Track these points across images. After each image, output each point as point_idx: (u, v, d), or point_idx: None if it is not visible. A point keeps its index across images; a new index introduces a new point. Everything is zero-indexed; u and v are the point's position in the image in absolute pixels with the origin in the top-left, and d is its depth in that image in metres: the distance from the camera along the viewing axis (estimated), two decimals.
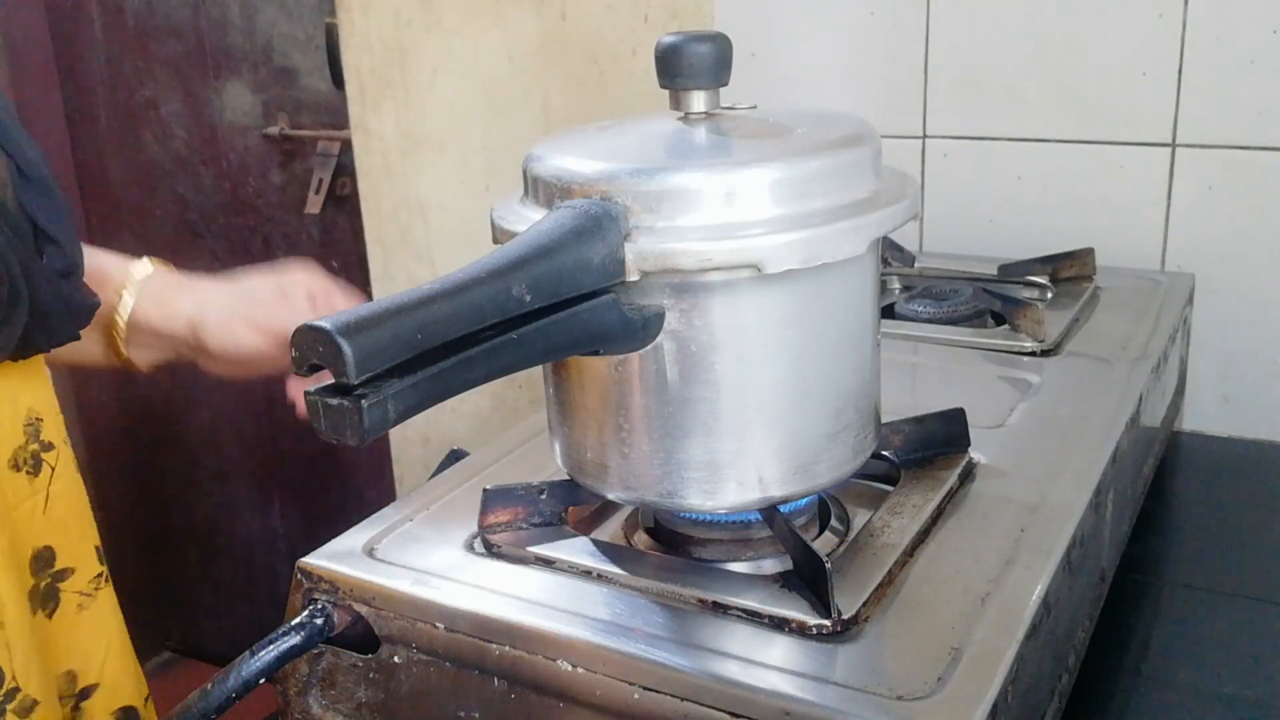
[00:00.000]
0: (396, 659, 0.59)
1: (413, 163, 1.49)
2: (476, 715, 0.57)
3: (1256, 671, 0.68)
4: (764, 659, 0.51)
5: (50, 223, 0.66)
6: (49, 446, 0.73)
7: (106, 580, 0.79)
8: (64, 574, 0.75)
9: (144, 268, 0.81)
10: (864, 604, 0.54)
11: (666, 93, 0.60)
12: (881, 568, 0.57)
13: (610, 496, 0.60)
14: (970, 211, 1.16)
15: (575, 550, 0.61)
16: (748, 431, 0.56)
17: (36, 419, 0.72)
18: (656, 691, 0.51)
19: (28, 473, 0.72)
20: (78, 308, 0.69)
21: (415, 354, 0.45)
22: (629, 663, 0.52)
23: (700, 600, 0.56)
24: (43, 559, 0.73)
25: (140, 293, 0.80)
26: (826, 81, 1.20)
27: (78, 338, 0.70)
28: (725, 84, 0.59)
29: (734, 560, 0.62)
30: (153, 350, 0.81)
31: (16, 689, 0.69)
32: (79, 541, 0.76)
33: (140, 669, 0.84)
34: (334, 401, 0.44)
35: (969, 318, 0.94)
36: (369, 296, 1.56)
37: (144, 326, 0.79)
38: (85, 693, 0.77)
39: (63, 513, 0.74)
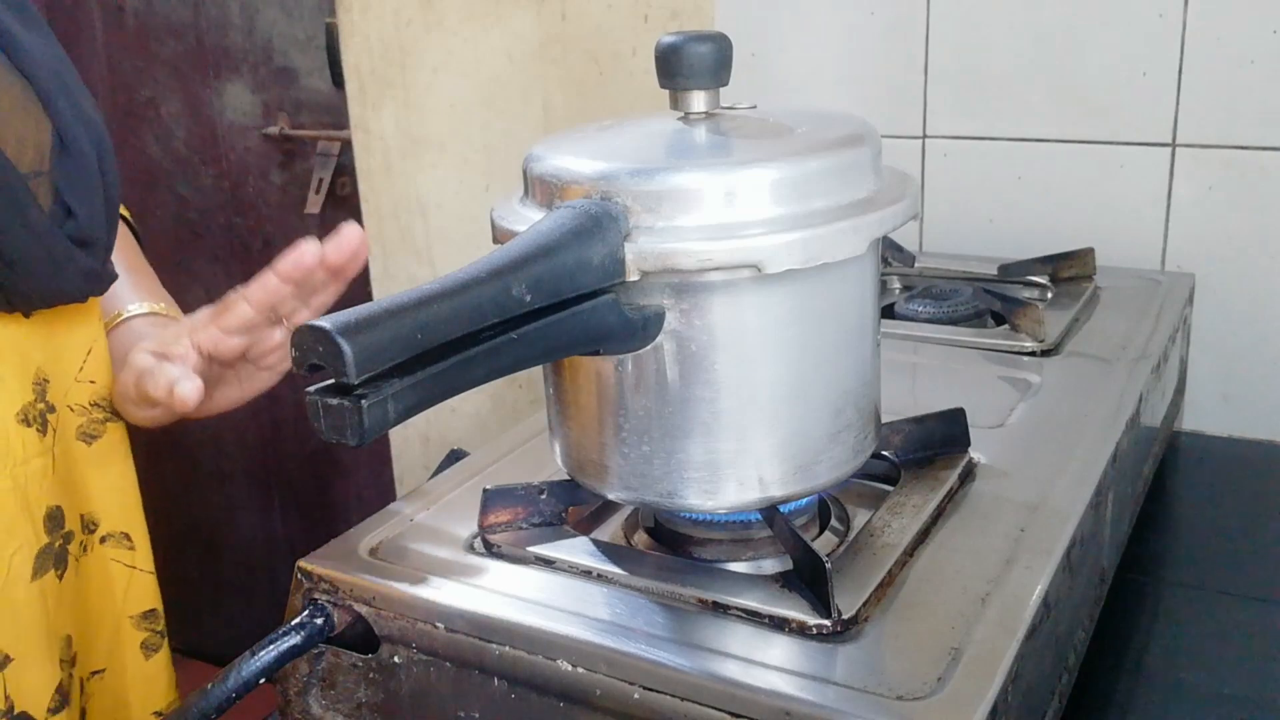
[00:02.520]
0: (396, 659, 0.59)
1: (413, 163, 1.49)
2: (476, 715, 0.57)
3: (1256, 671, 0.68)
4: (764, 659, 0.51)
5: (73, 195, 0.68)
6: (52, 407, 0.74)
7: (82, 549, 0.79)
8: (70, 536, 0.76)
9: (136, 308, 0.81)
10: (864, 604, 0.54)
11: (666, 93, 0.60)
12: (881, 568, 0.57)
13: (610, 496, 0.60)
14: (970, 211, 1.16)
15: (575, 550, 0.61)
16: (748, 431, 0.56)
17: (44, 379, 0.73)
18: (656, 691, 0.51)
19: (38, 430, 0.73)
20: (89, 275, 0.71)
21: (415, 354, 0.45)
22: (629, 663, 0.52)
23: (700, 600, 0.56)
24: (55, 518, 0.74)
25: (114, 329, 0.81)
26: (826, 81, 1.20)
27: (83, 299, 0.72)
28: (725, 84, 0.59)
29: (734, 560, 0.62)
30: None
31: None
32: (73, 505, 0.77)
33: (134, 650, 0.84)
34: (334, 401, 0.44)
35: (969, 318, 0.94)
36: (369, 296, 1.56)
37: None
38: (73, 659, 0.77)
39: (64, 474, 0.75)
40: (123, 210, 0.89)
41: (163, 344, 0.74)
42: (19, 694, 0.72)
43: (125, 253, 0.85)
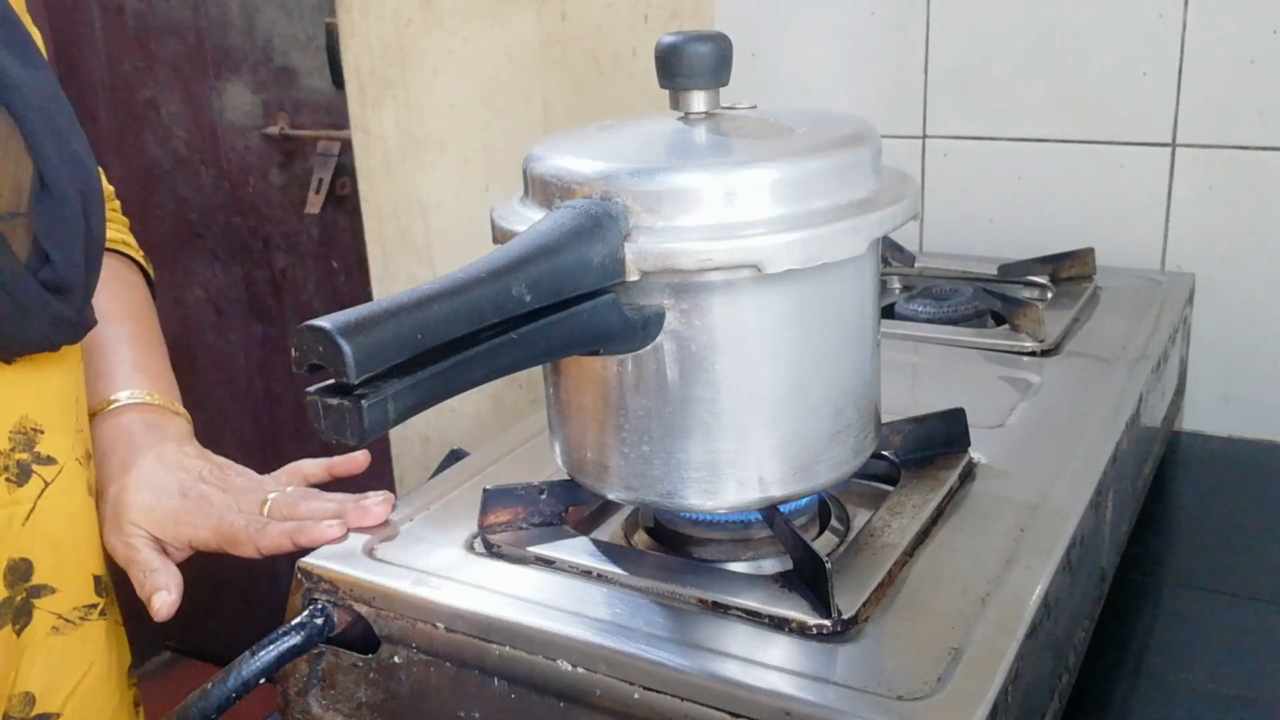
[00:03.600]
0: (396, 659, 0.59)
1: (413, 163, 1.49)
2: (476, 715, 0.57)
3: (1256, 671, 0.68)
4: (764, 659, 0.51)
5: (51, 239, 0.64)
6: (47, 460, 0.70)
7: (102, 614, 0.75)
8: (40, 590, 0.71)
9: (129, 395, 0.78)
10: (864, 604, 0.54)
11: (666, 93, 0.60)
12: (881, 568, 0.57)
13: (610, 496, 0.60)
14: (970, 211, 1.16)
15: (575, 550, 0.61)
16: (748, 431, 0.56)
17: (33, 429, 0.69)
18: (656, 691, 0.51)
19: (8, 480, 0.68)
20: (61, 323, 0.66)
21: (415, 354, 0.45)
22: (629, 663, 0.52)
23: (700, 600, 0.56)
24: (18, 571, 0.70)
25: (103, 417, 0.77)
26: (826, 81, 1.20)
27: (54, 348, 0.68)
28: (725, 84, 0.59)
29: (734, 560, 0.62)
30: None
31: None
32: (71, 564, 0.73)
33: (128, 711, 0.80)
34: (334, 401, 0.44)
35: (969, 318, 0.94)
36: (369, 296, 1.56)
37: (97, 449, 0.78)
38: None
39: (54, 530, 0.71)
40: (138, 256, 0.87)
41: (161, 529, 0.74)
42: None
43: (134, 313, 0.82)
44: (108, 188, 0.83)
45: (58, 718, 0.73)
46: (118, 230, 0.86)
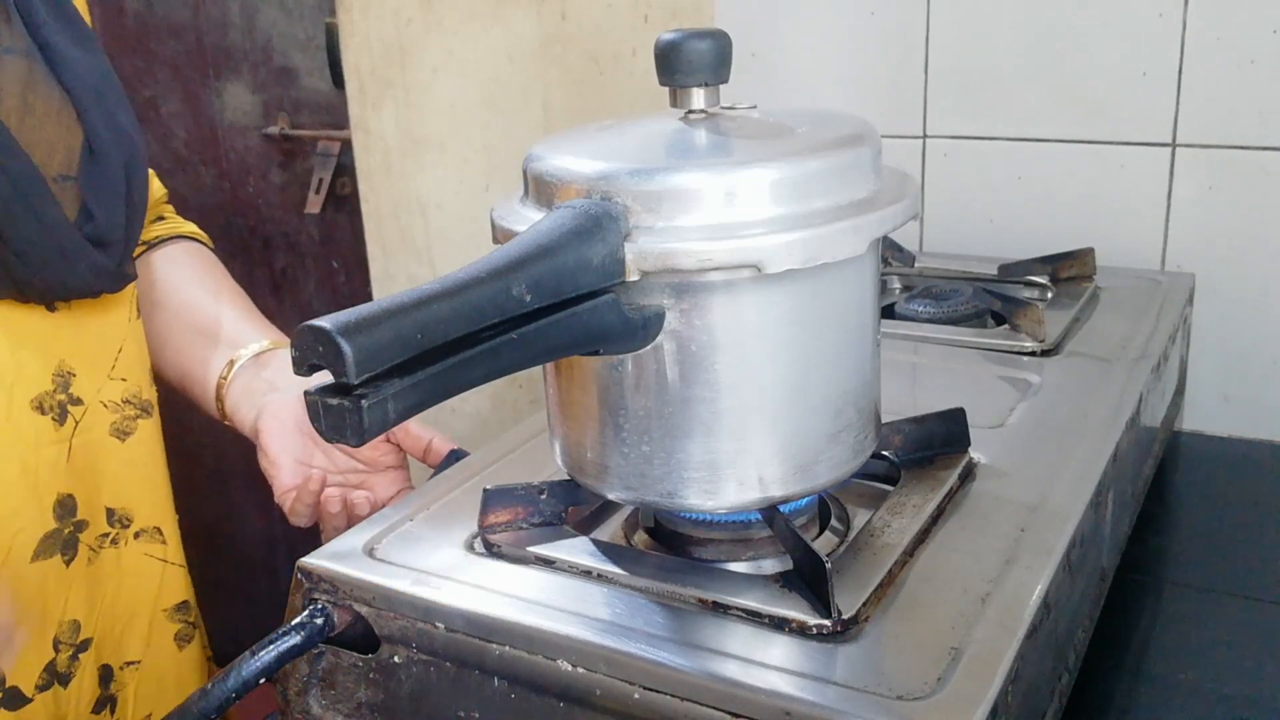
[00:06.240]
0: (396, 659, 0.59)
1: (413, 163, 1.49)
2: (476, 715, 0.57)
3: (1256, 671, 0.68)
4: (764, 659, 0.51)
5: (95, 199, 0.73)
6: (76, 401, 0.77)
7: (114, 543, 0.82)
8: (83, 525, 0.79)
9: (259, 345, 0.89)
10: (864, 604, 0.54)
11: (667, 93, 0.60)
12: (881, 568, 0.57)
13: (610, 496, 0.60)
14: (970, 211, 1.16)
15: (575, 550, 0.61)
16: (748, 431, 0.56)
17: (68, 372, 0.76)
18: (656, 691, 0.51)
19: (54, 419, 0.76)
20: (101, 272, 0.74)
21: (415, 354, 0.45)
22: (629, 663, 0.52)
23: (700, 600, 0.56)
24: (66, 506, 0.77)
25: (240, 371, 0.89)
26: (826, 81, 1.20)
27: (95, 295, 0.76)
28: (725, 81, 0.59)
29: (734, 560, 0.62)
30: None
31: None
32: (94, 497, 0.80)
33: (147, 639, 0.86)
34: (334, 401, 0.44)
35: (969, 318, 0.94)
36: (369, 296, 1.56)
37: (231, 405, 0.90)
38: (85, 644, 0.80)
39: (83, 466, 0.78)
40: (209, 243, 0.98)
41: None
42: (8, 668, 0.75)
43: (232, 286, 0.95)
44: (160, 191, 0.95)
45: (93, 641, 0.81)
46: (185, 224, 0.98)
